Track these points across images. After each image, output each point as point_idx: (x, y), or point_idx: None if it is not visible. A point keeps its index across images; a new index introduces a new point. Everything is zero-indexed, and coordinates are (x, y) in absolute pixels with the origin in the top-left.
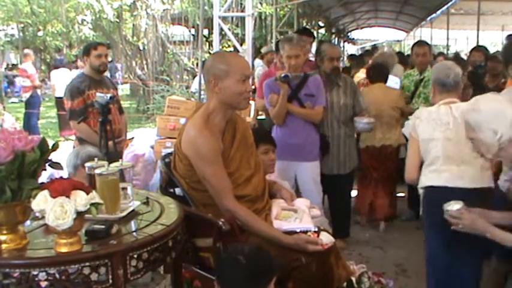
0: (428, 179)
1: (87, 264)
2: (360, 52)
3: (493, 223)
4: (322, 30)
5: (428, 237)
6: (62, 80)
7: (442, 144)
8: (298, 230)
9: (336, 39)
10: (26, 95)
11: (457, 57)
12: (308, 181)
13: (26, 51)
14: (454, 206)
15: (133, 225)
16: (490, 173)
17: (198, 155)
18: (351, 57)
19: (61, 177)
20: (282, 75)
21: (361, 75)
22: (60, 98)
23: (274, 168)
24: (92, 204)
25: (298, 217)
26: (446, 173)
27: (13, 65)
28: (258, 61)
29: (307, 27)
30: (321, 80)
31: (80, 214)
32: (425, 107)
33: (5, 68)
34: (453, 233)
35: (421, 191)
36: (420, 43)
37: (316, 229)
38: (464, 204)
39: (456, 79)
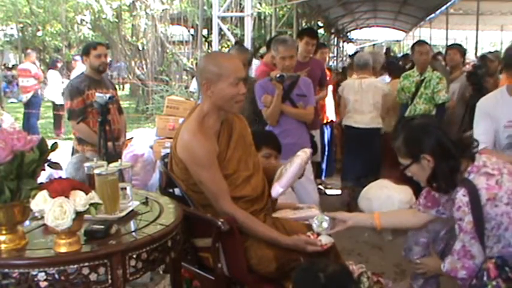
0: (346, 120)
1: (86, 264)
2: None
3: None
4: (322, 30)
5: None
6: (53, 82)
7: (353, 102)
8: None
9: (335, 39)
10: (27, 96)
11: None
12: (301, 180)
13: (28, 51)
14: (322, 225)
15: (132, 225)
16: (378, 119)
17: (193, 159)
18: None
19: (60, 178)
20: (278, 75)
21: None
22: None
23: None
24: (91, 204)
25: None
26: (354, 119)
27: (13, 65)
28: (256, 61)
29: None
30: (311, 80)
31: (79, 214)
32: (350, 79)
33: (3, 68)
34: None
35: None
36: (421, 42)
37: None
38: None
39: (364, 62)
